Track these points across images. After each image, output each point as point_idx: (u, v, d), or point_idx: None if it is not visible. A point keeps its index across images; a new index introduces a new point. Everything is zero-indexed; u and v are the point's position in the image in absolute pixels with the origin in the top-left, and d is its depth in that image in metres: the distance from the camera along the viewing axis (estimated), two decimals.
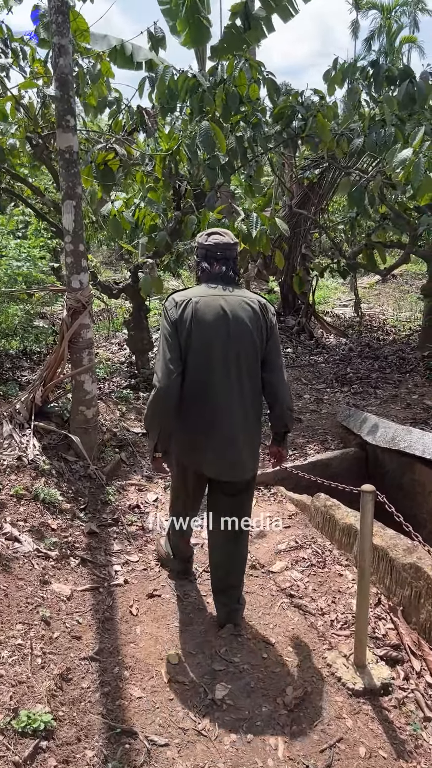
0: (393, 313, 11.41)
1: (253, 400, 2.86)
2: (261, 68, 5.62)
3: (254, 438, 2.93)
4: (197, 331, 2.74)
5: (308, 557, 3.71)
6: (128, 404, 5.53)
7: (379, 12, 36.72)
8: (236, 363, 2.77)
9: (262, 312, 2.85)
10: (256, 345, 2.80)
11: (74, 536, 3.68)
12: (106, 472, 4.41)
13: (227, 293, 2.83)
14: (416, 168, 4.52)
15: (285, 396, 2.91)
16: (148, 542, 3.84)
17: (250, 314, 2.79)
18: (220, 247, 2.86)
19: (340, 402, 6.16)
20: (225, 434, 2.80)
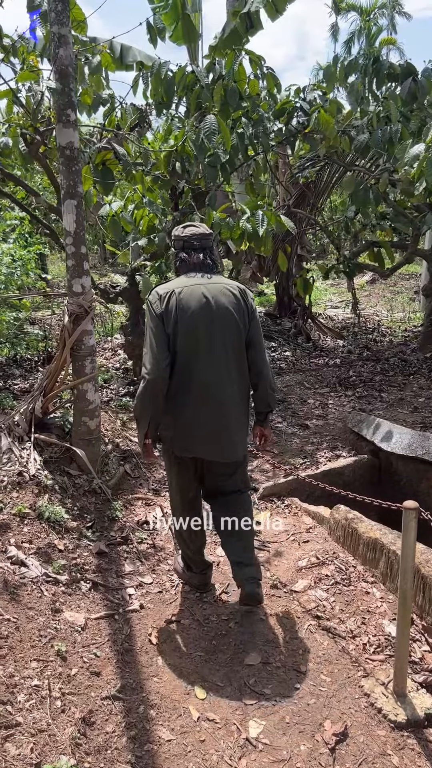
0: (387, 314, 11.28)
1: (241, 382, 2.98)
2: (261, 63, 5.43)
3: (244, 419, 3.05)
4: (182, 320, 2.83)
5: (331, 574, 3.50)
6: (128, 413, 5.29)
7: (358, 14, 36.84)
8: (223, 347, 2.89)
9: (242, 297, 2.97)
10: (240, 328, 2.92)
11: (83, 557, 3.44)
12: (111, 486, 4.18)
13: (207, 281, 2.94)
14: (430, 164, 4.35)
15: (268, 375, 3.05)
16: (160, 561, 3.61)
17: (232, 299, 2.92)
18: (196, 237, 2.98)
19: (345, 406, 5.98)
20: (217, 417, 2.92)
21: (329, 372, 7.00)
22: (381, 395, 6.27)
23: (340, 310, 11.87)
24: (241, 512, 3.15)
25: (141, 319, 6.02)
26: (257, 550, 3.74)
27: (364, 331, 9.62)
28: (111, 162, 4.86)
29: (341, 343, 8.44)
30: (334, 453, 4.97)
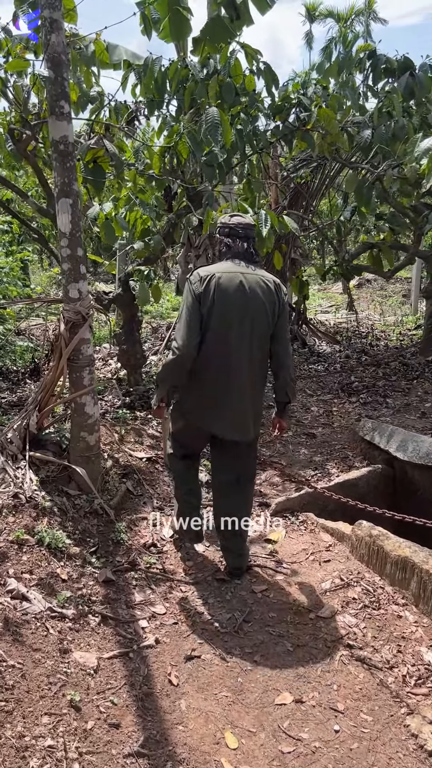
0: (379, 318, 11.11)
1: (261, 369, 3.17)
2: (258, 57, 5.19)
3: (258, 403, 3.26)
4: (218, 302, 3.01)
5: (359, 597, 3.24)
6: (126, 426, 4.99)
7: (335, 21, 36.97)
8: (250, 334, 3.05)
9: (276, 291, 3.13)
10: (269, 319, 3.07)
11: (88, 587, 3.14)
12: (113, 506, 3.88)
13: (247, 270, 3.10)
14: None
15: (289, 366, 3.22)
16: (172, 588, 3.32)
17: (266, 291, 3.08)
18: (242, 226, 3.17)
19: (351, 413, 5.74)
20: (235, 397, 3.10)
21: (330, 378, 6.76)
22: (386, 401, 6.04)
23: (331, 314, 11.67)
24: (243, 511, 3.37)
25: (136, 326, 5.74)
26: (273, 571, 3.48)
27: (357, 336, 9.42)
28: (102, 160, 4.58)
29: (337, 348, 8.21)
30: (345, 463, 4.72)
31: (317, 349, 8.05)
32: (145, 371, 6.07)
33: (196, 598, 3.25)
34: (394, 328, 9.97)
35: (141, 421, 5.13)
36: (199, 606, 3.18)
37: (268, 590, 3.32)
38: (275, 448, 4.99)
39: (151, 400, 3.98)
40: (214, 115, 4.13)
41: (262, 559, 3.59)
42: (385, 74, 6.01)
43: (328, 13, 37.93)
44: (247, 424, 3.18)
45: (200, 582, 3.37)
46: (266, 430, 5.32)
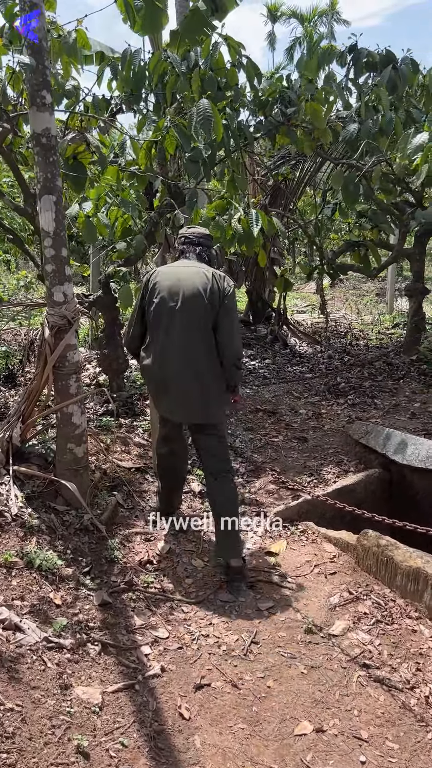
0: (356, 317, 11.04)
1: (206, 353, 3.27)
2: (240, 50, 5.02)
3: (208, 386, 3.30)
4: (153, 295, 3.32)
5: (370, 612, 3.09)
6: (111, 434, 4.77)
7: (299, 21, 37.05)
8: (186, 321, 3.24)
9: (216, 279, 3.28)
10: (207, 307, 3.23)
11: (84, 611, 2.92)
12: (104, 521, 3.66)
13: (187, 264, 3.40)
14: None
15: (231, 354, 3.29)
16: (173, 609, 3.12)
17: (203, 280, 3.26)
18: (195, 234, 3.53)
19: (340, 416, 5.61)
20: (173, 380, 3.29)
21: (316, 380, 6.62)
22: (374, 402, 5.92)
23: (307, 314, 11.58)
24: (224, 509, 3.37)
25: (117, 330, 5.51)
26: (277, 586, 3.30)
27: (336, 335, 9.32)
28: (83, 156, 4.35)
29: (319, 349, 8.09)
30: (340, 468, 4.57)
31: (299, 350, 7.92)
32: (126, 376, 5.85)
33: (200, 619, 3.06)
34: (372, 328, 9.90)
35: (126, 429, 4.91)
36: (203, 628, 2.99)
37: (275, 607, 3.14)
38: (267, 454, 4.83)
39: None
40: (205, 107, 3.94)
41: (266, 573, 3.41)
42: (367, 68, 5.88)
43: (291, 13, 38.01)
44: (192, 406, 3.33)
45: (202, 601, 3.18)
46: (256, 435, 5.16)
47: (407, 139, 4.19)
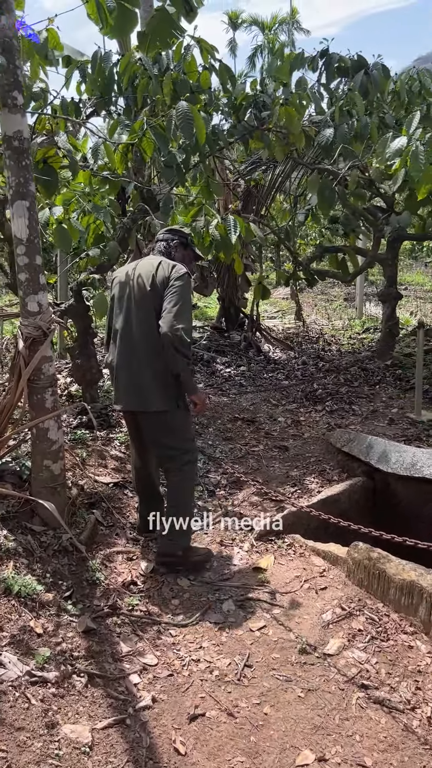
0: (326, 322, 11.04)
1: (154, 343, 3.25)
2: (214, 53, 4.92)
3: (151, 375, 3.28)
4: (112, 293, 3.51)
5: (364, 628, 2.99)
6: (86, 447, 4.60)
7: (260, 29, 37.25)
8: (137, 313, 3.31)
9: (162, 267, 3.32)
10: (151, 295, 3.26)
11: (68, 640, 2.76)
12: (83, 541, 3.50)
13: (144, 260, 3.50)
14: (414, 157, 3.97)
15: (166, 331, 3.15)
16: (161, 632, 2.98)
17: (149, 269, 3.33)
18: (163, 232, 3.63)
19: (319, 423, 5.54)
20: (124, 369, 3.35)
21: (293, 386, 6.55)
22: (352, 408, 5.87)
23: (278, 320, 11.53)
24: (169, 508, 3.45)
25: (90, 339, 5.35)
26: (268, 604, 3.19)
27: (307, 341, 9.29)
28: (54, 160, 4.20)
29: (292, 355, 8.03)
30: (323, 477, 4.49)
31: (273, 357, 7.85)
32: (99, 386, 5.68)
33: (189, 642, 2.92)
34: (344, 333, 9.90)
35: (102, 442, 4.74)
36: (193, 652, 2.86)
37: (267, 627, 3.03)
38: (248, 464, 4.72)
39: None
40: (185, 109, 3.82)
41: (255, 591, 3.29)
42: (339, 73, 5.85)
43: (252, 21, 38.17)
44: (134, 393, 3.32)
45: (190, 623, 3.05)
46: (235, 445, 5.05)
47: (385, 144, 4.14)
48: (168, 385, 3.30)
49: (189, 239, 3.62)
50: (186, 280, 3.30)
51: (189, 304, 3.29)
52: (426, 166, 3.96)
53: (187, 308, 3.25)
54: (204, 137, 3.93)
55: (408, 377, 6.57)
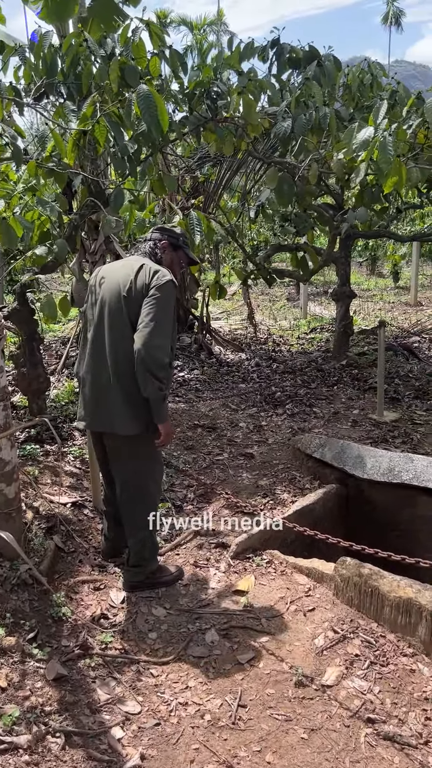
0: (272, 323, 10.90)
1: (125, 357, 2.87)
2: (164, 37, 4.63)
3: (125, 394, 2.90)
4: (88, 295, 3.09)
5: (361, 652, 2.77)
6: (38, 464, 4.21)
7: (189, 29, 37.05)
8: (110, 324, 2.91)
9: (143, 273, 2.89)
10: (125, 304, 2.88)
11: (37, 692, 2.41)
12: (44, 571, 3.13)
13: (124, 261, 3.15)
14: (383, 149, 3.80)
15: (142, 358, 2.79)
16: (140, 672, 2.66)
17: (126, 274, 2.93)
18: (151, 231, 3.21)
19: (281, 427, 5.32)
20: (93, 389, 2.98)
21: (249, 389, 6.31)
22: (313, 410, 5.69)
23: (223, 321, 11.31)
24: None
25: (36, 345, 4.94)
26: (254, 631, 2.92)
27: (256, 342, 9.10)
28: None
29: (244, 356, 7.81)
30: (295, 486, 4.26)
31: (225, 359, 7.60)
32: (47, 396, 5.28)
33: (173, 682, 2.62)
34: (291, 333, 9.77)
35: (55, 457, 4.36)
36: (179, 693, 2.56)
37: (256, 658, 2.76)
38: (215, 474, 4.44)
39: None
40: (145, 92, 3.50)
41: (238, 617, 3.01)
42: (290, 64, 5.67)
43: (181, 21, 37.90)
44: (100, 412, 2.98)
45: (172, 660, 2.74)
46: (199, 454, 4.77)
47: (351, 135, 3.95)
48: (139, 405, 2.91)
49: (181, 240, 3.18)
50: (168, 290, 2.87)
51: (169, 319, 2.88)
52: (393, 158, 3.79)
53: (166, 324, 2.85)
54: (167, 123, 3.62)
55: (365, 377, 6.46)
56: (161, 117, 3.49)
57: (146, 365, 2.79)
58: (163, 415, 2.93)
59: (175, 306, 2.93)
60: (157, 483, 3.21)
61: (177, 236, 3.17)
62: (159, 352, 2.80)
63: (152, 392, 2.84)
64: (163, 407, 2.92)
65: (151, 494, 3.15)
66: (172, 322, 2.91)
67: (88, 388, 3.02)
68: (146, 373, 2.80)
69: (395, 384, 6.21)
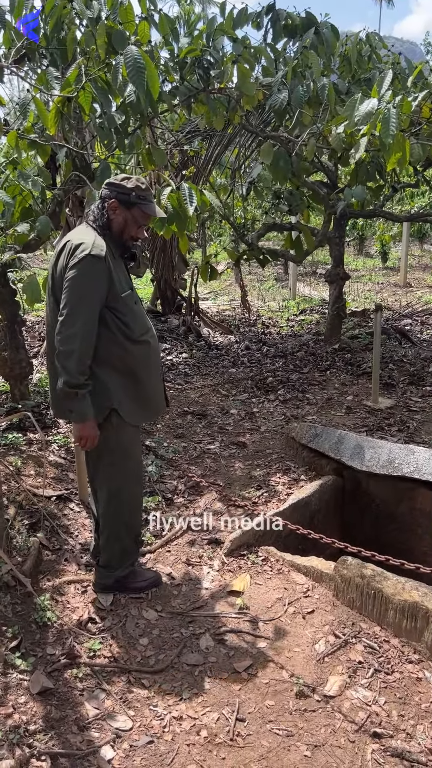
0: (261, 303, 10.69)
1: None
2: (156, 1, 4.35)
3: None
4: None
5: (364, 659, 2.63)
6: (20, 454, 4.00)
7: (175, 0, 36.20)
8: (51, 307, 2.71)
9: (66, 250, 2.59)
10: (53, 292, 2.68)
11: (20, 708, 2.24)
12: (27, 572, 2.95)
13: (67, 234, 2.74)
14: (386, 122, 3.58)
15: (58, 355, 2.56)
16: (131, 683, 2.50)
17: (55, 255, 2.68)
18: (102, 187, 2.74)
19: (274, 414, 5.15)
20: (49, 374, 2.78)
21: (240, 374, 6.12)
22: (306, 396, 5.52)
23: (210, 301, 11.08)
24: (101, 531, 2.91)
25: (18, 328, 4.70)
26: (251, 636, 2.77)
27: (244, 323, 8.89)
28: None
29: (233, 339, 7.61)
30: (290, 477, 4.10)
31: (213, 342, 7.39)
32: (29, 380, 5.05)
33: (166, 693, 2.46)
34: (281, 315, 9.57)
35: (38, 446, 4.15)
36: (173, 706, 2.40)
37: (254, 666, 2.60)
38: (206, 465, 4.26)
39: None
40: (135, 54, 3.24)
41: (234, 620, 2.86)
42: (286, 32, 5.40)
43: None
44: (55, 401, 2.79)
45: (165, 668, 2.58)
46: (189, 443, 4.59)
47: (354, 106, 3.73)
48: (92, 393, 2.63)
49: (134, 194, 2.63)
50: (84, 268, 2.50)
51: (87, 301, 2.53)
52: (397, 132, 3.58)
53: (81, 309, 2.52)
54: (158, 89, 3.37)
55: (358, 362, 6.29)
56: (151, 83, 3.23)
57: (57, 358, 2.57)
58: (76, 414, 2.62)
59: (100, 281, 2.55)
60: (127, 480, 2.85)
61: (127, 190, 2.63)
62: (64, 348, 2.53)
63: (59, 389, 2.59)
64: (72, 404, 2.60)
65: (124, 493, 2.84)
66: (93, 303, 2.55)
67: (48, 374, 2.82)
68: (60, 369, 2.57)
69: (389, 369, 6.05)
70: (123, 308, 2.65)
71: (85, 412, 2.61)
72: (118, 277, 2.63)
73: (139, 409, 2.79)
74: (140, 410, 2.80)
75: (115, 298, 2.62)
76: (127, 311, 2.66)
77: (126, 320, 2.65)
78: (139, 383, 2.75)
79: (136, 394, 2.75)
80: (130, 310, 2.69)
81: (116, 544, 2.90)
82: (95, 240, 2.58)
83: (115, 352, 2.66)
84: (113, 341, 2.64)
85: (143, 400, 2.79)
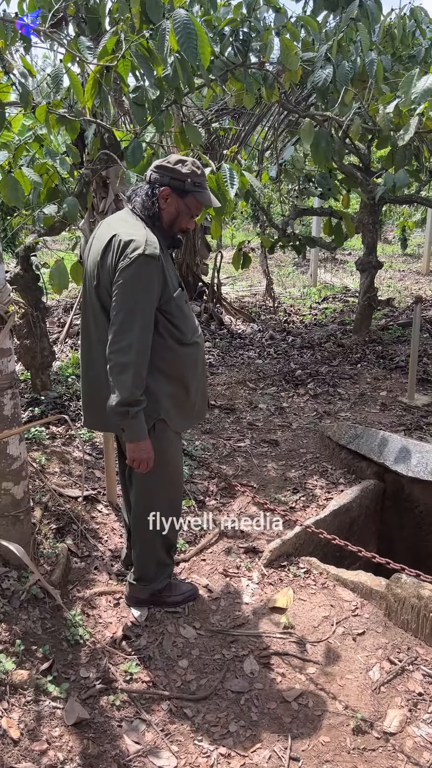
0: (282, 290, 10.40)
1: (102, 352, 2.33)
2: None
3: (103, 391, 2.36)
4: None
5: (425, 690, 2.41)
6: (45, 449, 3.78)
7: None
8: (92, 308, 2.42)
9: (113, 246, 2.26)
10: (101, 291, 2.34)
11: (55, 743, 2.03)
12: (56, 582, 2.74)
13: (106, 222, 2.47)
14: None
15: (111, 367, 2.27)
16: (172, 712, 2.29)
17: (101, 245, 2.32)
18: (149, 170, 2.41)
19: (304, 410, 4.91)
20: (83, 381, 2.58)
21: (268, 366, 5.87)
22: (337, 391, 5.28)
23: (228, 287, 10.79)
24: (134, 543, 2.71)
25: (41, 315, 4.47)
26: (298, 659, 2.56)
27: (265, 311, 8.62)
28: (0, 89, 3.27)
29: (256, 328, 7.35)
30: (328, 480, 3.87)
31: (236, 330, 7.14)
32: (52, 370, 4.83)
33: (212, 726, 2.25)
34: (303, 302, 9.29)
35: (63, 441, 3.94)
36: (219, 740, 2.20)
37: (305, 695, 2.40)
38: (237, 464, 4.04)
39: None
40: (184, 18, 2.94)
41: (279, 641, 2.65)
42: (327, 3, 5.07)
43: None
44: (100, 412, 2.41)
45: (208, 696, 2.37)
46: (218, 440, 4.36)
47: (410, 83, 3.44)
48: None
49: (190, 180, 2.32)
50: (137, 270, 2.20)
51: (138, 311, 2.23)
52: None
53: (132, 320, 2.23)
54: (208, 58, 3.08)
55: (390, 355, 6.04)
56: (202, 50, 2.94)
57: (111, 372, 2.27)
58: (129, 432, 2.34)
59: (155, 283, 2.26)
60: (167, 489, 2.62)
61: (183, 177, 2.32)
62: (117, 363, 2.24)
63: (111, 405, 2.29)
64: (124, 422, 2.31)
65: (160, 503, 2.61)
66: (148, 309, 2.27)
67: (82, 381, 2.60)
68: (113, 385, 2.28)
69: (423, 363, 5.79)
70: (175, 310, 2.38)
71: (138, 433, 2.32)
72: (170, 275, 2.37)
73: (185, 416, 2.56)
74: (186, 417, 2.57)
75: (167, 300, 2.34)
76: (178, 313, 2.39)
77: (176, 322, 2.39)
78: (187, 389, 2.50)
79: (184, 400, 2.51)
80: (181, 311, 2.42)
81: (151, 558, 2.68)
82: (147, 236, 2.25)
83: (165, 357, 2.40)
84: (164, 346, 2.38)
85: (189, 407, 2.56)
